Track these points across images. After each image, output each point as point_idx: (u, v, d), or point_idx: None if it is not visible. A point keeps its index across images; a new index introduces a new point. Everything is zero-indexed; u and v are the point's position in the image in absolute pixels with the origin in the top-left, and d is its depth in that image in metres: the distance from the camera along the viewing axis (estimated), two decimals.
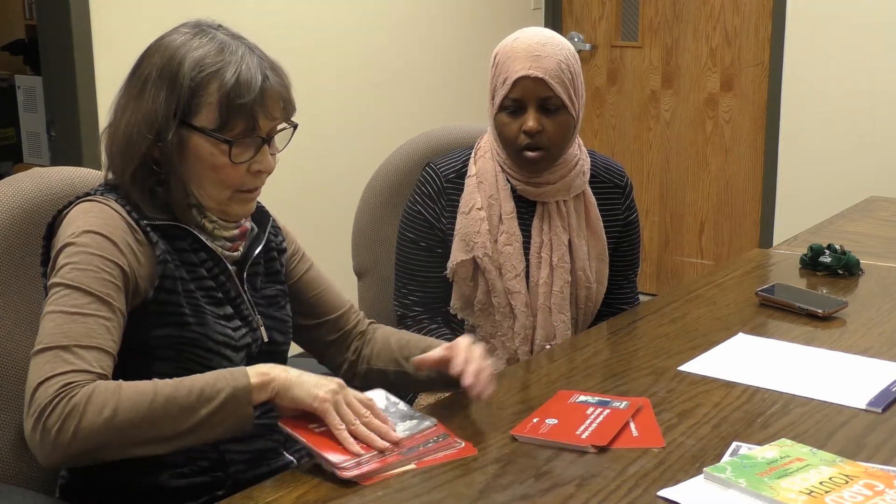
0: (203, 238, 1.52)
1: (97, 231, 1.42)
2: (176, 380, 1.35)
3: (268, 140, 1.51)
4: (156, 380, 1.35)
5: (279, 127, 1.53)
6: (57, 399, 1.29)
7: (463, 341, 1.62)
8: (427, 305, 2.12)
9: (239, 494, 1.39)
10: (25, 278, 1.58)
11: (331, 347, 1.78)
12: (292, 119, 1.55)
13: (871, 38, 4.17)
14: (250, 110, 1.46)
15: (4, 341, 1.56)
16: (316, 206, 3.83)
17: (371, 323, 1.82)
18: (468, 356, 1.58)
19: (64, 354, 1.33)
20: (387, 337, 1.78)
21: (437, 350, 1.64)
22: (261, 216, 1.65)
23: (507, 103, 2.01)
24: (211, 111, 1.45)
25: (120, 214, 1.46)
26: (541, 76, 1.97)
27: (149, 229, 1.47)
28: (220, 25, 1.52)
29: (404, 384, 1.76)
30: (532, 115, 1.99)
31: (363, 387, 1.74)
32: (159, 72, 1.46)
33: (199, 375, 1.37)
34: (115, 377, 1.39)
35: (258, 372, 1.40)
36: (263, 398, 1.39)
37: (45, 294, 1.47)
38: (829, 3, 4.24)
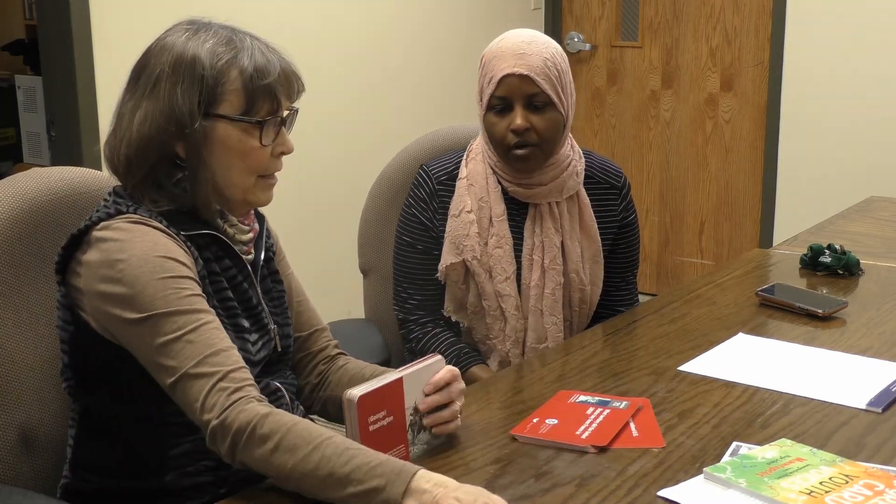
0: (228, 240, 1.52)
1: (156, 255, 1.40)
2: (345, 444, 1.31)
3: (285, 122, 1.53)
4: (332, 436, 1.32)
5: (288, 109, 1.54)
6: (223, 413, 1.33)
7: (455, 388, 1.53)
8: (428, 308, 2.12)
9: (239, 494, 1.40)
10: (26, 278, 1.58)
11: (295, 367, 1.71)
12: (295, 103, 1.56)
13: (872, 37, 4.17)
14: (274, 91, 1.48)
15: (4, 341, 1.55)
16: (322, 204, 3.83)
17: (341, 353, 1.75)
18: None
19: (199, 370, 1.35)
20: (361, 368, 1.69)
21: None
22: (259, 217, 1.65)
23: (494, 102, 2.01)
24: (236, 97, 1.46)
25: (161, 230, 1.44)
26: (526, 73, 1.97)
27: (188, 243, 1.47)
28: (210, 21, 1.53)
29: None
30: (519, 113, 1.99)
31: (321, 413, 1.73)
32: (172, 67, 1.46)
33: (367, 452, 1.30)
34: (144, 392, 1.43)
35: (430, 479, 1.27)
36: None
37: (61, 302, 1.48)
38: (829, 3, 4.24)
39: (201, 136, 1.46)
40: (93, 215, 1.48)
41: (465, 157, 2.12)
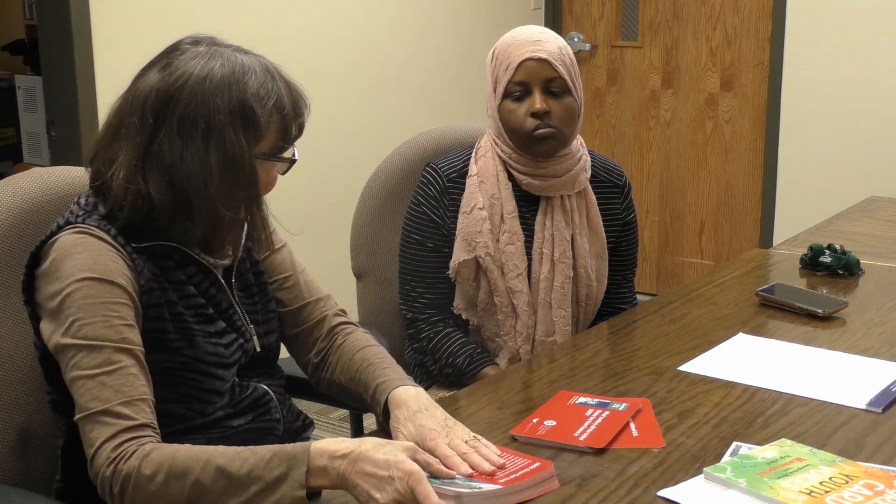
0: (191, 251, 1.49)
1: (93, 276, 1.38)
2: (235, 449, 1.30)
3: None
4: (217, 447, 1.31)
5: None
6: (112, 464, 1.29)
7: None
8: (439, 307, 2.11)
9: None
10: None
11: (294, 342, 1.69)
12: None
13: (872, 37, 4.17)
14: (301, 126, 1.51)
15: (4, 341, 1.55)
16: (314, 207, 3.83)
17: (343, 323, 1.70)
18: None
19: (104, 418, 1.32)
20: (352, 351, 1.65)
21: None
22: None
23: (511, 88, 2.02)
24: (273, 135, 1.46)
25: (106, 242, 1.42)
26: (545, 57, 2.00)
27: (134, 256, 1.43)
28: (214, 39, 1.49)
29: (362, 405, 1.65)
30: (538, 97, 2.01)
31: (327, 394, 1.69)
32: (229, 112, 1.41)
33: (258, 449, 1.30)
34: None
35: (324, 453, 1.27)
36: (322, 484, 1.28)
37: (31, 321, 1.46)
38: (828, 3, 4.24)
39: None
40: (51, 227, 1.46)
41: (473, 154, 2.12)
